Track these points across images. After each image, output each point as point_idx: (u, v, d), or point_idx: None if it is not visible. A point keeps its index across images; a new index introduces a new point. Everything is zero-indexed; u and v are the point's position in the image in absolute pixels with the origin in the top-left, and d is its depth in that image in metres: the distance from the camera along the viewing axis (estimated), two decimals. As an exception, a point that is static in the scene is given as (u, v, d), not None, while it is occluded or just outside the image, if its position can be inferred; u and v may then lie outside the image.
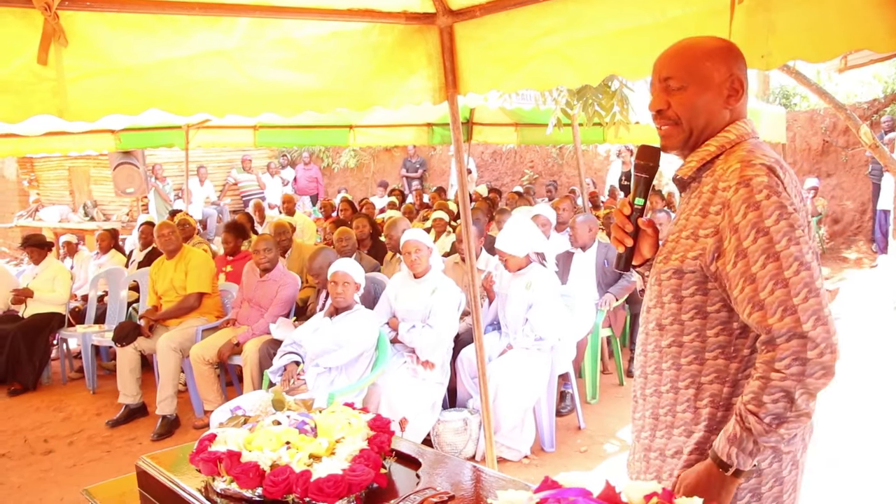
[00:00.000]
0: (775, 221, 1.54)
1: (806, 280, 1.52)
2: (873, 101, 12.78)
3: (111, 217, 14.90)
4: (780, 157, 1.70)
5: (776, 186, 1.57)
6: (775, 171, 1.60)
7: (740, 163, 1.63)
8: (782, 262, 1.53)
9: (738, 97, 1.75)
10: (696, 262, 1.67)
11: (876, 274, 9.80)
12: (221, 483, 1.87)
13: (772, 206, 1.55)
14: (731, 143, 1.72)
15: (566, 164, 15.76)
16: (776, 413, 1.53)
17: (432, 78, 3.55)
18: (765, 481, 1.66)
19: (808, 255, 1.54)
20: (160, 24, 2.80)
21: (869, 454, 4.51)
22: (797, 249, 1.53)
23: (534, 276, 4.90)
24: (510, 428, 4.70)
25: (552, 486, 1.44)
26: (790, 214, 1.55)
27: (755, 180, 1.58)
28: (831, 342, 1.50)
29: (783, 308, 1.52)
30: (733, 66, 1.75)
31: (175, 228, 6.30)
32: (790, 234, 1.54)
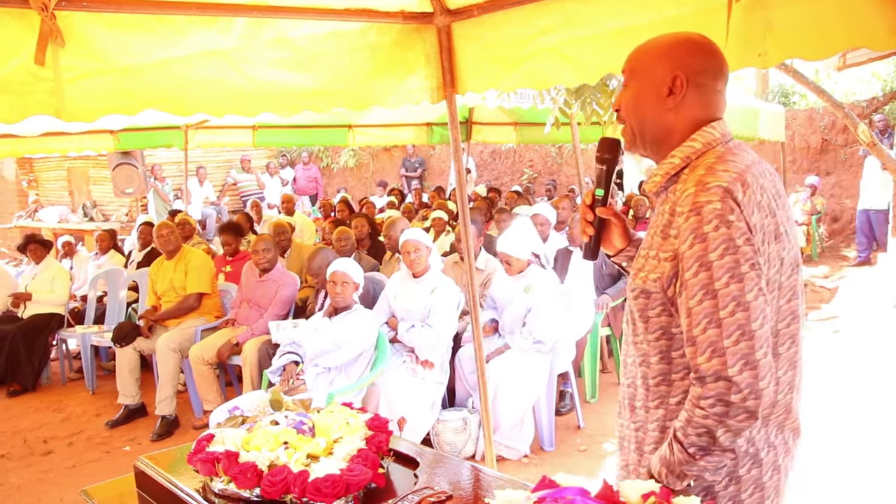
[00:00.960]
0: (720, 256, 1.47)
1: (740, 322, 1.46)
2: (872, 99, 12.79)
3: (110, 217, 14.90)
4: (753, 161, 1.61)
5: (727, 214, 1.49)
6: (732, 194, 1.50)
7: (696, 186, 1.54)
8: (719, 300, 1.47)
9: (678, 96, 1.65)
10: (657, 285, 1.62)
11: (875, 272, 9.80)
12: (219, 483, 1.87)
13: (718, 240, 1.48)
14: (696, 154, 1.64)
15: (565, 164, 15.76)
16: (700, 445, 1.51)
17: (430, 77, 3.55)
18: (744, 488, 1.63)
19: (751, 294, 1.47)
20: (157, 24, 2.79)
21: (868, 452, 4.51)
22: (737, 288, 1.47)
23: (533, 279, 4.89)
24: (509, 427, 4.70)
25: (550, 486, 1.44)
26: (738, 248, 1.47)
27: (706, 208, 1.50)
28: (756, 388, 1.45)
29: (712, 349, 1.48)
30: (678, 62, 1.66)
31: (174, 229, 6.30)
32: (734, 270, 1.47)
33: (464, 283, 5.21)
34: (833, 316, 8.08)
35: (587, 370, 5.74)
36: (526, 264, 4.94)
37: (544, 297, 4.82)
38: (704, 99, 1.67)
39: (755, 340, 1.46)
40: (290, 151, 17.69)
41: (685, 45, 1.69)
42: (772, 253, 1.56)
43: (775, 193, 1.61)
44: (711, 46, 1.70)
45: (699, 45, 1.69)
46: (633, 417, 1.76)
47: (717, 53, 1.70)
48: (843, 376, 5.93)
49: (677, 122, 1.68)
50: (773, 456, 1.64)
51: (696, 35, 1.71)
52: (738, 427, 1.47)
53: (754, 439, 1.62)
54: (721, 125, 1.67)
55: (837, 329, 7.57)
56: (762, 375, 1.46)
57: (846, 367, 6.23)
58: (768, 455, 1.64)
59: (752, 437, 1.61)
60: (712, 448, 1.50)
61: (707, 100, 1.67)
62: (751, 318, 1.46)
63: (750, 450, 1.62)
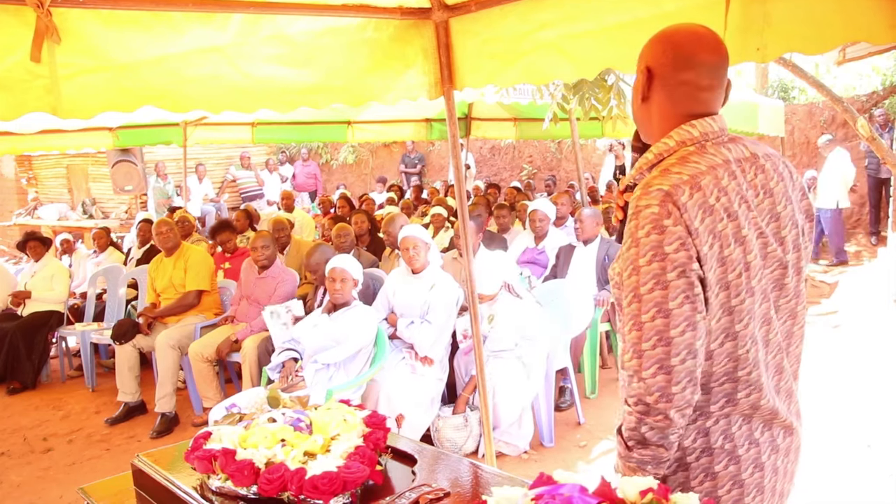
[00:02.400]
0: (647, 262, 1.49)
1: (659, 328, 1.48)
2: (872, 93, 12.76)
3: (110, 215, 14.90)
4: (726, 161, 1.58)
5: (663, 220, 1.48)
6: (673, 198, 1.49)
7: (641, 189, 1.54)
8: (642, 305, 1.50)
9: (648, 87, 1.66)
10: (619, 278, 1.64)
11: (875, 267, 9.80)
12: (216, 481, 1.87)
13: (648, 245, 1.49)
14: (669, 151, 1.63)
15: (565, 159, 15.75)
16: (635, 439, 1.55)
17: (428, 73, 3.54)
18: (721, 484, 1.63)
19: (674, 302, 1.47)
20: (154, 20, 2.78)
21: (867, 448, 4.51)
22: (661, 295, 1.48)
23: (498, 309, 4.80)
24: (509, 423, 4.70)
25: (547, 482, 1.43)
26: (666, 256, 1.47)
27: (644, 213, 1.51)
28: (668, 392, 1.48)
29: (634, 350, 1.52)
30: (649, 55, 1.66)
31: (173, 226, 6.30)
32: (659, 277, 1.48)
33: (463, 279, 5.20)
34: (832, 311, 8.07)
35: (587, 366, 5.73)
36: (495, 295, 4.86)
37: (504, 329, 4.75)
38: (669, 93, 1.65)
39: (672, 347, 1.48)
40: (289, 148, 17.67)
41: (656, 37, 1.67)
42: (732, 256, 1.54)
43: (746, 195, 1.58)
44: (675, 35, 1.65)
45: (664, 35, 1.66)
46: None
47: (680, 42, 1.64)
48: (842, 371, 5.93)
49: (651, 117, 1.69)
50: (755, 453, 1.63)
51: (675, 25, 1.67)
52: (657, 426, 1.51)
53: (733, 435, 1.61)
54: (704, 123, 1.63)
55: (837, 324, 7.57)
56: (676, 381, 1.48)
57: (846, 362, 6.23)
58: (748, 452, 1.62)
59: (731, 433, 1.61)
60: (646, 442, 1.54)
61: (673, 94, 1.64)
62: (670, 325, 1.48)
63: (726, 446, 1.61)
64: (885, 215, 10.74)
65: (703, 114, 1.64)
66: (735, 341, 1.57)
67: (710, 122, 1.63)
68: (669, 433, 1.52)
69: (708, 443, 1.62)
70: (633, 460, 1.57)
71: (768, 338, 1.63)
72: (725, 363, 1.58)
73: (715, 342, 1.56)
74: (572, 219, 7.58)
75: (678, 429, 1.53)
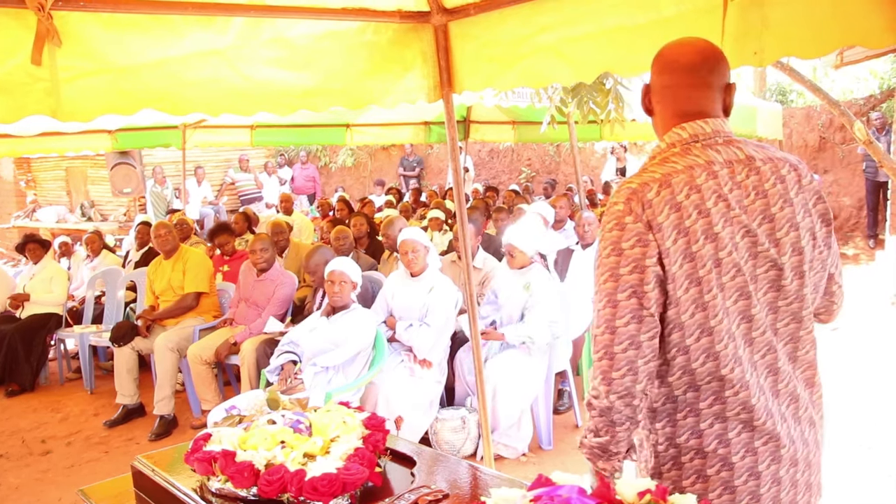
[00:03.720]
0: (607, 255, 1.62)
1: (607, 317, 1.60)
2: (869, 97, 12.79)
3: (108, 217, 14.89)
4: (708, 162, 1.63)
5: (625, 217, 1.60)
6: (639, 194, 1.60)
7: (617, 186, 1.69)
8: (598, 294, 1.64)
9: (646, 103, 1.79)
10: None
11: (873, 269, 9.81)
12: (216, 483, 1.87)
13: (608, 240, 1.62)
14: (661, 153, 1.71)
15: (563, 162, 15.76)
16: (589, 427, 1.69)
17: (427, 76, 3.54)
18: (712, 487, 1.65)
19: (622, 294, 1.58)
20: (154, 23, 2.79)
21: (868, 449, 4.52)
22: (612, 287, 1.60)
23: (533, 278, 4.87)
24: (508, 426, 4.70)
25: (546, 484, 1.44)
26: (622, 251, 1.59)
27: (611, 209, 1.64)
28: (609, 376, 1.60)
29: (592, 333, 1.69)
30: (653, 70, 1.77)
31: (172, 228, 6.30)
32: (613, 270, 1.60)
33: (461, 281, 5.21)
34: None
35: (585, 369, 5.73)
36: (529, 261, 4.92)
37: (542, 297, 4.81)
38: (658, 98, 1.77)
39: (616, 336, 1.60)
40: (288, 151, 17.67)
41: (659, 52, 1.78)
42: (701, 252, 1.59)
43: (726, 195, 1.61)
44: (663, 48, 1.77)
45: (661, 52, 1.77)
46: None
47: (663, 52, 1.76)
48: (841, 374, 5.93)
49: (658, 126, 1.78)
50: (751, 461, 1.65)
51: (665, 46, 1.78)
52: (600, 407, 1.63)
53: (729, 441, 1.63)
54: (695, 125, 1.69)
55: (835, 327, 7.57)
56: (616, 367, 1.59)
57: (844, 364, 6.23)
58: (743, 460, 1.64)
59: (728, 438, 1.63)
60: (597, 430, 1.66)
61: (660, 99, 1.77)
62: (616, 315, 1.59)
63: (720, 451, 1.64)
64: (882, 218, 10.76)
65: (693, 113, 1.70)
66: (711, 336, 1.61)
67: (701, 124, 1.69)
68: (614, 419, 1.61)
69: (701, 444, 1.64)
70: (584, 447, 1.69)
71: (751, 336, 1.65)
72: (705, 360, 1.62)
73: (690, 337, 1.62)
74: (571, 222, 7.60)
75: (623, 417, 1.61)
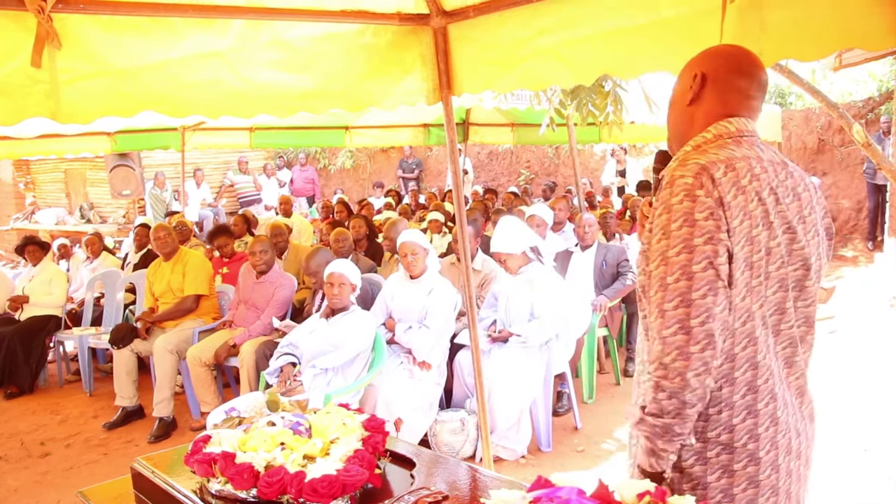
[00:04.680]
0: (678, 227, 1.57)
1: (682, 290, 1.55)
2: (868, 99, 12.80)
3: (108, 219, 14.89)
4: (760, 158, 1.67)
5: (696, 189, 1.57)
6: (708, 171, 1.59)
7: (677, 162, 1.66)
8: (669, 267, 1.57)
9: (698, 91, 1.76)
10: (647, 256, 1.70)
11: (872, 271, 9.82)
12: (216, 484, 1.87)
13: (680, 211, 1.57)
14: (707, 142, 1.71)
15: (562, 164, 15.77)
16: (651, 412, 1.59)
17: (426, 79, 3.55)
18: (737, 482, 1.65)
19: (698, 266, 1.54)
20: (154, 26, 2.80)
21: (866, 452, 4.52)
22: (686, 259, 1.55)
23: (535, 274, 4.91)
24: (507, 428, 4.70)
25: (545, 486, 1.44)
26: (695, 222, 1.55)
27: (678, 181, 1.60)
28: (686, 351, 1.54)
29: (658, 310, 1.58)
30: (700, 63, 1.77)
31: (171, 230, 6.30)
32: (687, 242, 1.55)
33: (461, 284, 5.21)
34: (829, 316, 8.08)
35: (584, 371, 5.74)
36: (524, 259, 4.94)
37: (548, 290, 4.84)
38: (721, 95, 1.75)
39: (692, 308, 1.54)
40: (287, 153, 17.68)
41: (712, 50, 1.80)
42: (759, 238, 1.61)
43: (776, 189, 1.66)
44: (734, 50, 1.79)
45: (721, 49, 1.80)
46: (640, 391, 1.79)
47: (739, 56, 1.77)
48: (839, 376, 5.94)
49: (695, 119, 1.77)
50: (774, 456, 1.67)
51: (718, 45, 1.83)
52: (672, 388, 1.55)
53: (758, 436, 1.64)
54: (740, 122, 1.73)
55: (834, 329, 7.57)
56: (695, 341, 1.53)
57: (843, 366, 6.23)
58: (768, 454, 1.66)
59: (757, 434, 1.64)
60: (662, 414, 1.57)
61: (724, 96, 1.75)
62: (692, 288, 1.55)
63: (749, 446, 1.64)
64: (881, 220, 10.77)
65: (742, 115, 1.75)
66: (753, 322, 1.63)
67: (745, 122, 1.74)
68: (686, 399, 1.55)
69: (731, 440, 1.65)
70: (644, 428, 1.60)
71: (780, 328, 1.69)
72: (746, 345, 1.63)
73: (738, 321, 1.62)
74: (570, 224, 7.61)
75: (696, 398, 1.56)
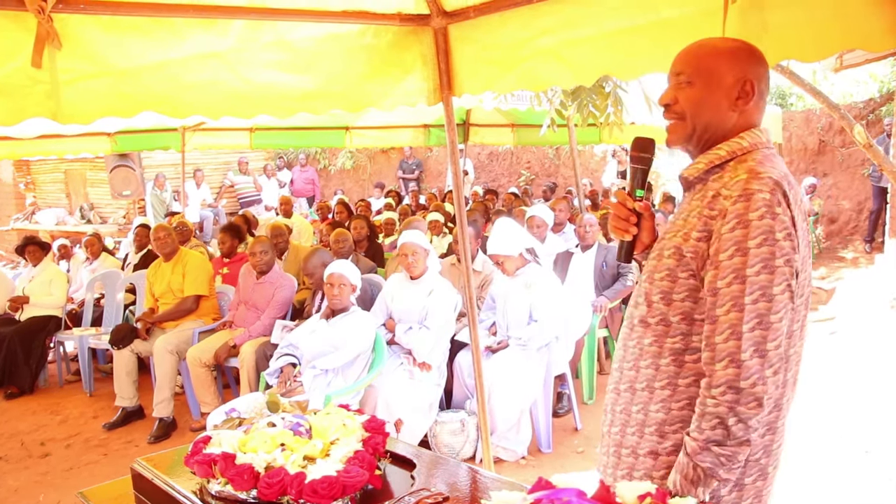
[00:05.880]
0: (758, 245, 1.53)
1: (761, 311, 1.52)
2: (869, 100, 12.81)
3: (108, 220, 14.90)
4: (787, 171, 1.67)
5: (775, 206, 1.54)
6: (781, 187, 1.56)
7: (748, 174, 1.59)
8: (747, 286, 1.52)
9: (747, 100, 1.70)
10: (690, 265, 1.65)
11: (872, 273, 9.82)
12: (216, 485, 1.87)
13: (760, 229, 1.53)
14: (742, 151, 1.68)
15: (563, 165, 15.78)
16: (714, 440, 1.54)
17: (427, 79, 3.55)
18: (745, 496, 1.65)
19: (778, 288, 1.52)
20: (154, 26, 2.79)
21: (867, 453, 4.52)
22: (766, 279, 1.52)
23: (532, 276, 4.90)
24: (507, 429, 4.70)
25: (546, 487, 1.44)
26: (776, 242, 1.52)
27: (756, 196, 1.54)
28: (763, 375, 1.51)
29: (731, 331, 1.53)
30: (748, 68, 1.71)
31: (171, 231, 6.30)
32: (768, 261, 1.52)
33: (461, 284, 5.21)
34: (830, 317, 8.08)
35: (584, 372, 5.74)
36: (521, 261, 4.94)
37: (546, 292, 4.84)
38: (759, 104, 1.74)
39: (770, 331, 1.52)
40: (287, 153, 17.69)
41: (750, 52, 1.74)
42: (805, 257, 1.60)
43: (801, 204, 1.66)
44: (763, 57, 1.76)
45: (760, 55, 1.75)
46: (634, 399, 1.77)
47: (767, 65, 1.76)
48: (840, 377, 5.93)
49: (737, 124, 1.72)
50: (775, 472, 1.69)
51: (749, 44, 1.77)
52: (747, 414, 1.51)
53: (771, 451, 1.65)
54: (767, 132, 1.72)
55: (834, 330, 7.57)
56: (769, 364, 1.51)
57: (843, 368, 6.23)
58: (776, 470, 1.68)
59: (772, 450, 1.65)
60: (727, 442, 1.53)
61: (760, 104, 1.74)
62: (772, 310, 1.52)
63: (762, 460, 1.65)
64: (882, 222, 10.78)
65: None
66: (790, 339, 1.62)
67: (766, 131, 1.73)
68: (754, 424, 1.53)
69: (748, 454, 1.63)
70: (706, 461, 1.55)
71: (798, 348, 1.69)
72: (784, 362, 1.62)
73: None
74: (570, 225, 7.61)
75: (762, 424, 1.55)
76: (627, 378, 1.79)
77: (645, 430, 1.74)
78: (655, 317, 1.72)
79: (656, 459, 1.72)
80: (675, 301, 1.68)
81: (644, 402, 1.74)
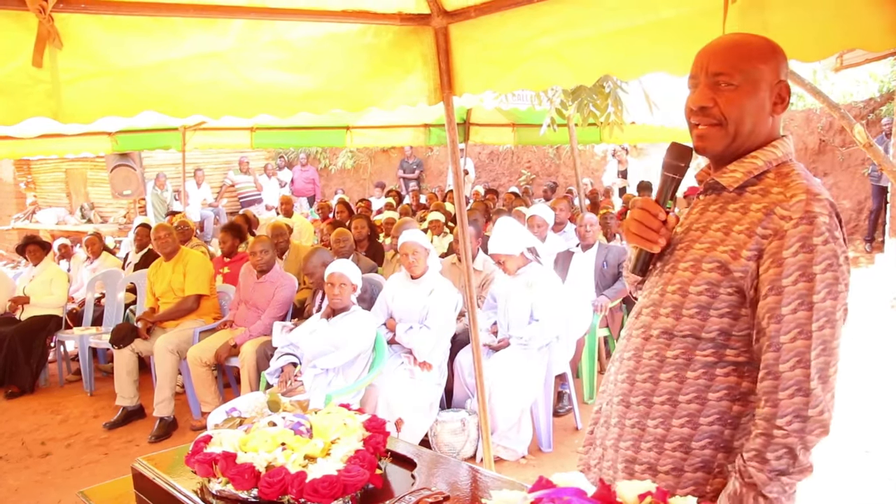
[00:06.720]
0: (822, 270, 1.50)
1: (826, 338, 1.50)
2: (869, 100, 12.80)
3: (108, 219, 14.90)
4: None
5: (835, 230, 1.52)
6: (836, 209, 1.55)
7: (806, 194, 1.54)
8: (814, 313, 1.50)
9: (783, 105, 1.66)
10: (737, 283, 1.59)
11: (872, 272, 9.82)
12: (217, 484, 1.87)
13: (825, 254, 1.50)
14: (777, 161, 1.64)
15: (563, 165, 15.77)
16: (780, 469, 1.52)
17: (428, 79, 3.55)
18: None
19: (839, 313, 1.52)
20: (155, 26, 2.80)
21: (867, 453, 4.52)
22: (831, 305, 1.50)
23: (534, 276, 4.90)
24: (507, 428, 4.70)
25: (547, 486, 1.44)
26: (839, 267, 1.51)
27: (819, 220, 1.51)
28: (826, 400, 1.51)
29: (798, 359, 1.50)
30: (781, 71, 1.66)
31: (172, 230, 6.30)
32: (832, 287, 1.50)
33: (462, 284, 5.21)
34: None
35: (585, 371, 5.74)
36: (522, 261, 4.94)
37: (547, 291, 4.84)
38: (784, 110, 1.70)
39: (832, 357, 1.52)
40: (287, 153, 17.69)
41: (781, 53, 1.68)
42: None
43: None
44: None
45: (785, 55, 1.69)
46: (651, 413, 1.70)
47: None
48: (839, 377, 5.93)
49: (772, 129, 1.69)
50: None
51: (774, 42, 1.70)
52: (814, 442, 1.51)
53: None
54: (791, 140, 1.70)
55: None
56: (828, 390, 1.51)
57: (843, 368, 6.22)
58: None
59: None
60: (791, 470, 1.52)
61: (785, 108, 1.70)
62: (835, 335, 1.51)
63: None
64: (882, 222, 10.77)
65: None
66: None
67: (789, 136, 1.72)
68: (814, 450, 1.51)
69: None
70: (773, 491, 1.52)
71: None
72: None
73: None
74: (571, 224, 7.61)
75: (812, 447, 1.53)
76: (642, 390, 1.72)
77: (665, 446, 1.68)
78: (685, 329, 1.66)
79: (680, 476, 1.67)
80: (713, 316, 1.62)
81: (664, 417, 1.68)
